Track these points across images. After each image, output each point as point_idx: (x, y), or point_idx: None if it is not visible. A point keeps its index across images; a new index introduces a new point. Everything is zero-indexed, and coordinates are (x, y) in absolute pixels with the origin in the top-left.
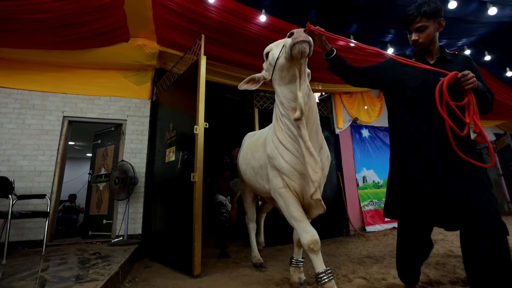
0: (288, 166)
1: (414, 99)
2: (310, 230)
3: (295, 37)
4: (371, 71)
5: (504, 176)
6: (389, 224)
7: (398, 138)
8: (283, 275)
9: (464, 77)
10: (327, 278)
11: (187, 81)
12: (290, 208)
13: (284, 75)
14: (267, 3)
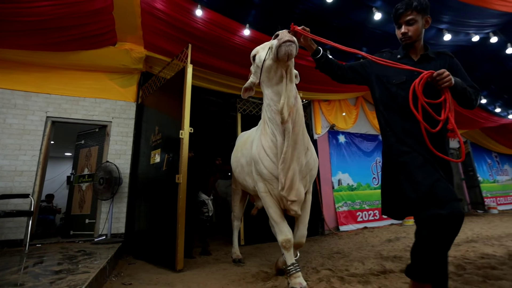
0: (267, 171)
1: (398, 95)
2: (285, 231)
3: (281, 38)
4: (358, 69)
5: (465, 180)
6: (361, 224)
7: (385, 133)
8: (259, 268)
9: (440, 75)
10: (294, 270)
11: (173, 86)
12: (270, 210)
13: (271, 77)
14: (250, 18)
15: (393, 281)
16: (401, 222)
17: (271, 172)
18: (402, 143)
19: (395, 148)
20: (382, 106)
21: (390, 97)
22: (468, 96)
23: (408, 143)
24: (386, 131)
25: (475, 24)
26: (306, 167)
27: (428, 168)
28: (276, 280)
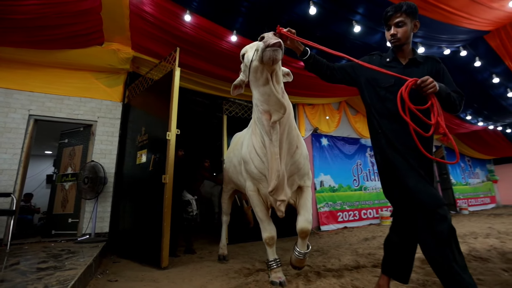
0: (257, 171)
1: (386, 98)
2: (269, 228)
3: (266, 41)
4: (348, 70)
5: (440, 183)
6: (341, 224)
7: (377, 135)
8: (242, 265)
9: (424, 82)
10: (275, 265)
11: (161, 88)
12: (256, 208)
13: (258, 77)
14: (238, 25)
15: (364, 275)
16: (379, 222)
17: (261, 172)
18: (391, 146)
19: (385, 150)
20: (373, 108)
21: (379, 100)
22: (452, 101)
23: (397, 146)
24: (378, 133)
25: (446, 39)
26: (294, 166)
27: (413, 173)
28: (257, 275)
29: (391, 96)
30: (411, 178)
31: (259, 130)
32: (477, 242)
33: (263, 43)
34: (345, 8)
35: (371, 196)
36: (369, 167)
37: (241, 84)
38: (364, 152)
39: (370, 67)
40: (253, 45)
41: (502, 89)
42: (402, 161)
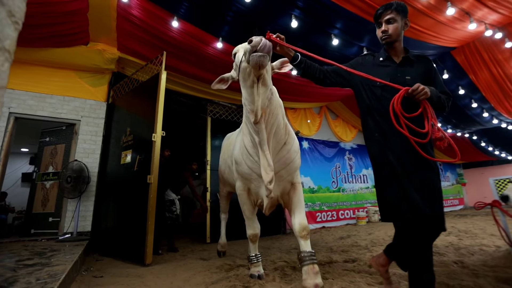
0: (249, 171)
1: (383, 97)
2: (254, 226)
3: (253, 46)
4: (341, 72)
5: None
6: (320, 224)
7: (371, 137)
8: (223, 262)
9: (415, 91)
10: (256, 260)
11: (147, 90)
12: (244, 207)
13: (246, 78)
14: (224, 33)
15: (336, 269)
16: (355, 222)
17: (254, 171)
18: (388, 148)
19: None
20: (371, 108)
21: (376, 99)
22: (442, 103)
23: (393, 148)
24: (374, 135)
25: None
26: (280, 163)
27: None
28: (238, 270)
29: (388, 95)
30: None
31: (249, 129)
32: (438, 240)
33: (250, 47)
34: (325, 23)
35: (349, 198)
36: (347, 169)
37: (228, 79)
38: (343, 155)
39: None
40: (244, 45)
41: (467, 100)
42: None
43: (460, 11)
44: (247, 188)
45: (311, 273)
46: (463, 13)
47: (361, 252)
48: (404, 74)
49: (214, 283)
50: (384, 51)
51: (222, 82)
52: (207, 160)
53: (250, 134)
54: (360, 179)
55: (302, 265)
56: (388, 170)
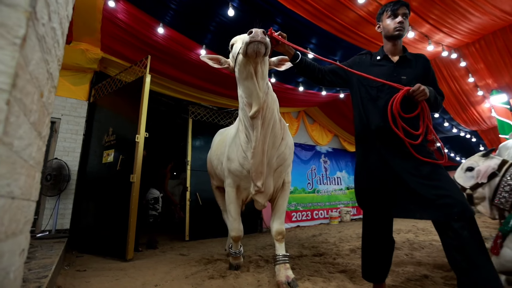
0: (241, 168)
1: (378, 97)
2: (237, 228)
3: (252, 36)
4: (339, 72)
5: None
6: (295, 223)
7: (363, 134)
8: (202, 257)
9: (415, 91)
10: (236, 254)
11: (131, 92)
12: (230, 206)
13: (242, 70)
14: (207, 40)
15: (304, 261)
16: (328, 221)
17: (245, 168)
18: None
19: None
20: (364, 108)
21: (371, 99)
22: (437, 103)
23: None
24: (365, 137)
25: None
26: (278, 160)
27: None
28: (215, 263)
29: (384, 96)
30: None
31: (245, 122)
32: (398, 236)
33: (249, 37)
34: (301, 37)
35: (323, 198)
36: (322, 172)
37: (224, 64)
38: (318, 158)
39: (360, 74)
40: (243, 37)
41: None
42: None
43: (420, 34)
44: (236, 185)
45: (282, 269)
46: (422, 36)
47: (329, 247)
48: (400, 74)
49: (193, 273)
50: (382, 50)
51: (215, 61)
52: (187, 161)
53: (245, 130)
54: (334, 181)
55: (275, 264)
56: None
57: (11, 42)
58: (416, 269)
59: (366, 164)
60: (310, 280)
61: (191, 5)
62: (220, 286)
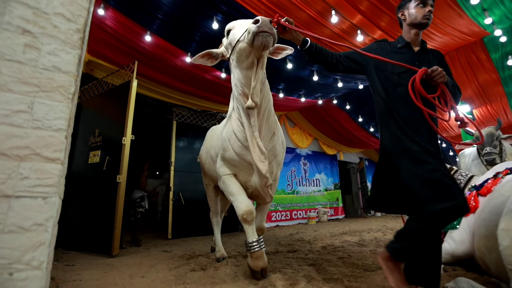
0: (237, 157)
1: (399, 83)
2: (245, 201)
3: (260, 26)
4: (355, 57)
5: (360, 189)
6: (274, 223)
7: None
8: (184, 253)
9: (434, 72)
10: (258, 247)
11: (117, 95)
12: (230, 186)
13: (242, 59)
14: (192, 49)
15: (279, 256)
16: (306, 221)
17: (243, 158)
18: (404, 133)
19: (398, 137)
20: (384, 94)
21: (392, 86)
22: (455, 93)
23: (409, 133)
24: (389, 122)
25: (360, 77)
26: (271, 153)
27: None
28: (197, 258)
29: (405, 82)
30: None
31: (240, 112)
32: (368, 235)
33: (256, 27)
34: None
35: (302, 199)
36: (302, 173)
37: (218, 57)
38: (298, 160)
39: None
40: (242, 23)
41: None
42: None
43: None
44: (232, 172)
45: (254, 256)
46: None
47: (303, 245)
48: (421, 63)
49: (176, 267)
50: (402, 39)
51: (207, 58)
52: (171, 162)
53: (239, 119)
54: (313, 183)
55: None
56: (407, 156)
57: (66, 97)
58: (375, 262)
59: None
60: (281, 271)
61: (177, 16)
62: (200, 277)
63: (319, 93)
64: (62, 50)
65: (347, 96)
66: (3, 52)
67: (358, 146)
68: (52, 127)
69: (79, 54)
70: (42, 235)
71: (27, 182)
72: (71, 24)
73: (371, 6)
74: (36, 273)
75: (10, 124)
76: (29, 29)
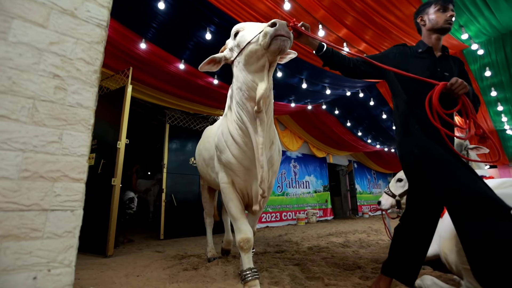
0: (235, 161)
1: (421, 91)
2: (244, 229)
3: (278, 30)
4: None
5: (349, 191)
6: (264, 224)
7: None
8: (177, 253)
9: (453, 85)
10: (251, 276)
11: (112, 100)
12: (230, 204)
13: (252, 62)
14: (186, 56)
15: (267, 257)
16: (296, 222)
17: (240, 162)
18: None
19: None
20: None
21: (414, 92)
22: (475, 103)
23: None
24: (414, 127)
25: (348, 85)
26: (268, 162)
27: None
28: (189, 258)
29: (426, 89)
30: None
31: (238, 116)
32: (353, 236)
33: (274, 30)
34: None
35: (291, 201)
36: (291, 176)
37: (221, 61)
38: (288, 163)
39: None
40: (252, 25)
41: (389, 122)
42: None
43: None
44: (231, 180)
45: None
46: None
47: (291, 246)
48: (443, 69)
49: (170, 267)
50: (423, 43)
51: (212, 63)
52: (164, 164)
53: (240, 121)
54: (303, 185)
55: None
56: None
57: (87, 128)
58: (355, 262)
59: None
60: (267, 270)
61: (171, 26)
62: (192, 275)
63: (308, 99)
64: (83, 89)
65: (335, 102)
66: (39, 94)
67: (347, 149)
68: (77, 153)
69: (96, 91)
70: (71, 240)
71: (59, 198)
72: (90, 66)
73: (356, 21)
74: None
75: (45, 153)
76: (58, 73)
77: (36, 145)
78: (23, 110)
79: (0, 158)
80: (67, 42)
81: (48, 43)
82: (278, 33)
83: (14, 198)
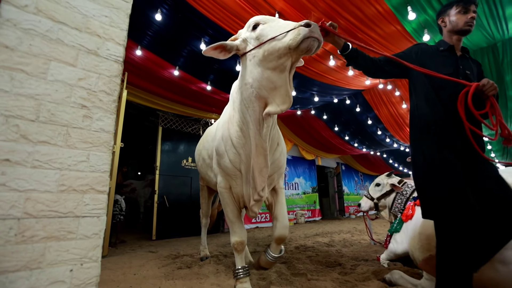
0: (231, 166)
1: (445, 87)
2: (239, 232)
3: (313, 31)
4: (398, 63)
5: (337, 193)
6: (254, 224)
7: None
8: (170, 253)
9: (485, 86)
10: (243, 274)
11: None
12: (227, 208)
13: (271, 59)
14: (180, 63)
15: (256, 256)
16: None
17: (235, 166)
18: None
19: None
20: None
21: (439, 87)
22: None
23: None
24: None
25: (336, 93)
26: (274, 165)
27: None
28: (182, 258)
29: (449, 85)
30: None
31: (241, 116)
32: (337, 236)
33: (309, 31)
34: None
35: None
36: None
37: (232, 50)
38: None
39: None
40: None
41: (374, 128)
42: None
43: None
44: (229, 185)
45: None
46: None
47: None
48: (465, 67)
49: (164, 266)
50: (444, 42)
51: (219, 50)
52: (156, 166)
53: (242, 123)
54: (292, 187)
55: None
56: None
57: (108, 149)
58: (336, 260)
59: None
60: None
61: (167, 35)
62: (186, 273)
63: (298, 105)
64: (105, 116)
65: (324, 107)
66: (71, 123)
67: (335, 152)
68: (101, 170)
69: (115, 117)
70: (97, 241)
71: (88, 207)
72: (110, 97)
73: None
74: (95, 264)
75: (77, 170)
76: (85, 104)
77: (70, 164)
78: (59, 136)
79: (44, 176)
80: (92, 77)
81: (77, 79)
82: (312, 34)
83: (55, 207)
